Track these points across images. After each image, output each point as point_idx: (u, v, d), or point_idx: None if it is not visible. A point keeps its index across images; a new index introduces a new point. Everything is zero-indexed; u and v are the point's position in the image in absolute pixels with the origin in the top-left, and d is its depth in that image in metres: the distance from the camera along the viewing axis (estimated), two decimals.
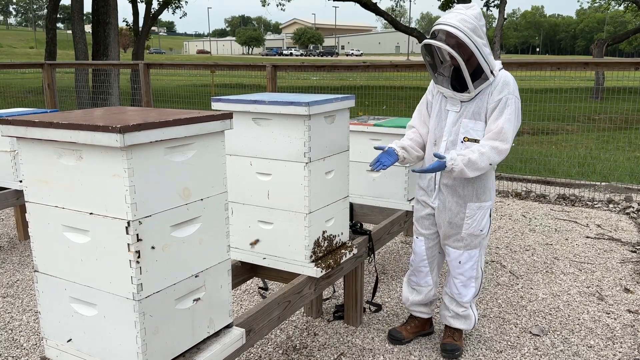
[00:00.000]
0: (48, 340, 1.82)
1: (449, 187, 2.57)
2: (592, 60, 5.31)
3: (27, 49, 77.22)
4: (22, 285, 3.64)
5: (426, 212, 2.70)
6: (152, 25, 24.14)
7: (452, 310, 2.74)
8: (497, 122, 2.41)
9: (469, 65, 2.38)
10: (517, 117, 2.44)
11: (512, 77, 2.47)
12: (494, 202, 2.60)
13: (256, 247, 2.61)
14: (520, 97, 2.48)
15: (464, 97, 2.47)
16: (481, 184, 2.54)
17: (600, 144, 8.28)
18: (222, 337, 1.90)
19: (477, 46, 2.33)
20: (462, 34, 2.31)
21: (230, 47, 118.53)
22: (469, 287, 2.67)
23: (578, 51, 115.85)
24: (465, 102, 2.49)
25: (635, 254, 4.14)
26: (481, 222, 2.58)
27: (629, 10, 24.45)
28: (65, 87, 12.54)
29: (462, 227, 2.58)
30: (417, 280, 2.82)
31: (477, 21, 2.36)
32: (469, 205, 2.55)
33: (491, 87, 2.44)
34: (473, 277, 2.66)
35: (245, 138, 2.50)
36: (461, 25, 2.32)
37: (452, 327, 2.77)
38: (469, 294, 2.68)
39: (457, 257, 2.64)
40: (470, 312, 2.73)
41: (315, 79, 10.52)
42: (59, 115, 1.71)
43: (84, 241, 1.63)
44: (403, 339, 2.86)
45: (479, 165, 2.38)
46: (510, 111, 2.40)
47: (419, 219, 2.75)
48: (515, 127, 2.44)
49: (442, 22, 2.37)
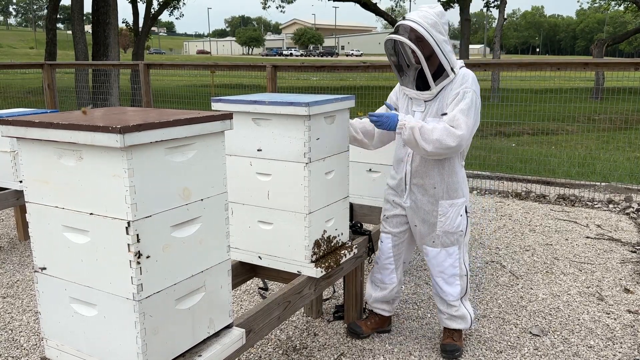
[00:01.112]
0: (48, 341, 1.82)
1: (420, 187, 2.62)
2: (592, 60, 5.32)
3: (27, 49, 77.25)
4: (22, 285, 3.64)
5: (396, 212, 2.75)
6: (152, 26, 24.15)
7: (445, 312, 2.75)
8: (452, 112, 2.44)
9: (431, 64, 2.45)
10: (475, 111, 2.45)
11: (473, 74, 2.52)
12: (468, 200, 2.65)
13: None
14: (481, 97, 2.54)
15: (426, 95, 2.53)
16: (451, 181, 2.58)
17: (600, 144, 8.28)
18: (222, 338, 1.90)
19: (436, 41, 2.40)
20: (422, 28, 2.38)
21: (230, 47, 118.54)
22: (453, 285, 2.69)
23: (578, 51, 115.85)
24: (429, 101, 2.55)
25: (635, 254, 4.14)
26: (455, 219, 2.61)
27: (629, 10, 24.47)
28: (65, 87, 12.54)
29: (436, 225, 2.62)
30: (381, 277, 2.87)
31: (438, 18, 2.43)
32: (441, 203, 2.59)
33: (452, 84, 2.49)
34: (456, 275, 2.68)
35: (245, 138, 2.50)
36: (422, 21, 2.40)
37: (450, 328, 2.78)
38: (455, 292, 2.69)
39: (435, 256, 2.66)
40: (465, 311, 2.74)
41: (315, 79, 10.52)
42: (59, 116, 1.71)
43: (84, 241, 1.63)
44: (362, 333, 2.91)
45: (429, 136, 2.38)
46: (465, 103, 2.42)
47: (387, 218, 2.80)
48: (473, 120, 2.43)
49: (404, 18, 2.47)
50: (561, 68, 5.18)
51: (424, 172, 2.59)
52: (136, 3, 20.77)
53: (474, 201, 5.71)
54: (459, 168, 2.62)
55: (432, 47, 2.40)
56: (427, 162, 2.57)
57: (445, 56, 2.43)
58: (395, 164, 2.72)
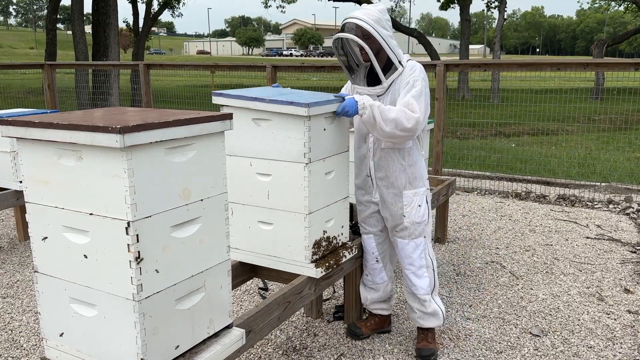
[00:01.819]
0: (48, 341, 1.82)
1: (384, 180, 2.67)
2: (592, 60, 5.32)
3: (27, 49, 77.26)
4: (22, 285, 3.64)
5: (370, 211, 2.79)
6: (152, 26, 24.15)
7: (417, 310, 2.76)
8: (404, 98, 2.50)
9: (379, 59, 2.51)
10: (425, 98, 2.52)
11: (420, 65, 2.61)
12: (428, 190, 2.75)
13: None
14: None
15: (378, 90, 2.60)
16: (411, 170, 2.65)
17: (600, 144, 8.29)
18: (222, 338, 1.90)
19: (381, 36, 2.48)
20: (367, 24, 2.46)
21: (230, 47, 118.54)
22: (422, 277, 2.71)
23: (578, 52, 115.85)
24: (381, 95, 2.61)
25: (635, 255, 4.14)
26: (420, 209, 2.67)
27: (629, 10, 24.47)
28: (65, 87, 12.56)
29: (403, 217, 2.66)
30: (372, 278, 2.89)
31: (381, 14, 2.52)
32: (405, 194, 2.65)
33: (401, 76, 2.57)
34: (423, 266, 2.71)
35: (245, 139, 2.50)
36: (366, 18, 2.48)
37: (423, 327, 2.78)
38: (424, 285, 2.71)
39: (404, 247, 2.71)
40: (436, 307, 2.75)
41: (315, 79, 10.53)
42: (59, 116, 1.71)
43: (84, 242, 1.63)
44: (361, 334, 2.92)
45: (387, 115, 2.43)
46: (416, 90, 2.50)
47: (364, 219, 2.83)
48: (424, 106, 2.49)
49: (348, 16, 2.53)
50: (561, 68, 5.18)
51: (386, 165, 2.65)
52: (136, 3, 20.77)
53: (474, 201, 5.71)
54: (419, 157, 2.69)
55: (379, 42, 2.47)
56: (388, 154, 2.63)
57: (392, 50, 2.51)
58: (358, 161, 2.76)
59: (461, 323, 3.10)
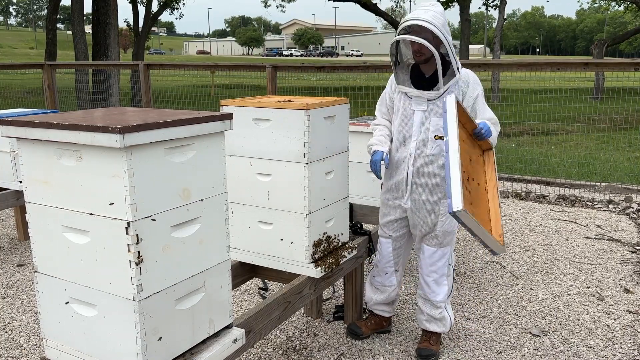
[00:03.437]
0: (48, 341, 1.82)
1: (423, 187, 2.60)
2: (592, 60, 5.32)
3: (27, 49, 77.25)
4: (22, 285, 3.64)
5: (395, 216, 2.73)
6: (152, 26, 24.16)
7: (426, 314, 2.74)
8: (485, 113, 2.56)
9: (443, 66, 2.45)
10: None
11: (472, 72, 2.63)
12: None
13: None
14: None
15: (432, 94, 2.52)
16: None
17: (600, 144, 8.29)
18: (222, 338, 1.90)
19: (448, 43, 2.40)
20: (436, 29, 2.36)
21: (230, 47, 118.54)
22: (442, 284, 2.69)
23: (578, 52, 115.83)
24: (433, 100, 2.53)
25: (635, 255, 4.14)
26: (452, 219, 2.61)
27: (629, 10, 24.46)
28: (65, 87, 12.56)
29: (437, 225, 2.62)
30: (381, 280, 2.86)
31: (444, 18, 2.43)
32: (443, 202, 2.59)
33: (459, 83, 2.52)
34: (445, 275, 2.69)
35: (245, 138, 2.50)
36: (434, 21, 2.37)
37: (428, 330, 2.78)
38: (442, 292, 2.69)
39: (431, 255, 2.67)
40: (446, 314, 2.74)
41: (315, 79, 10.53)
42: (59, 116, 1.71)
43: (84, 242, 1.63)
44: (362, 334, 2.91)
45: (495, 128, 2.55)
46: (482, 101, 2.60)
47: (386, 223, 2.78)
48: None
49: (416, 18, 2.40)
50: (561, 68, 5.18)
51: (428, 172, 2.58)
52: (136, 3, 20.77)
53: None
54: None
55: (447, 49, 2.40)
56: (433, 161, 2.57)
57: (454, 56, 2.45)
58: (394, 164, 2.67)
59: (461, 323, 3.10)
